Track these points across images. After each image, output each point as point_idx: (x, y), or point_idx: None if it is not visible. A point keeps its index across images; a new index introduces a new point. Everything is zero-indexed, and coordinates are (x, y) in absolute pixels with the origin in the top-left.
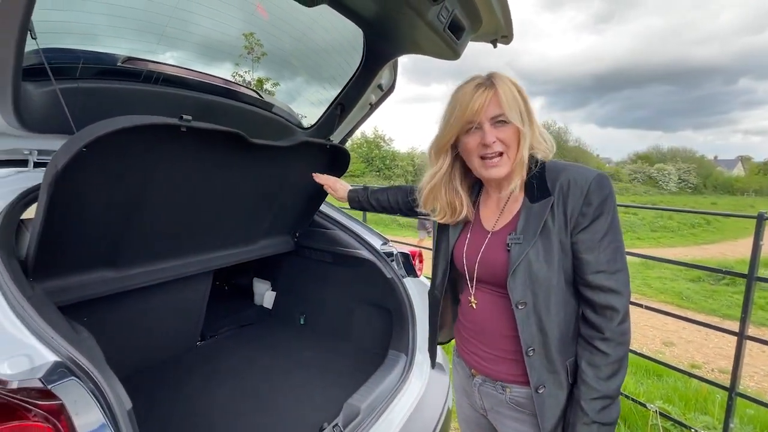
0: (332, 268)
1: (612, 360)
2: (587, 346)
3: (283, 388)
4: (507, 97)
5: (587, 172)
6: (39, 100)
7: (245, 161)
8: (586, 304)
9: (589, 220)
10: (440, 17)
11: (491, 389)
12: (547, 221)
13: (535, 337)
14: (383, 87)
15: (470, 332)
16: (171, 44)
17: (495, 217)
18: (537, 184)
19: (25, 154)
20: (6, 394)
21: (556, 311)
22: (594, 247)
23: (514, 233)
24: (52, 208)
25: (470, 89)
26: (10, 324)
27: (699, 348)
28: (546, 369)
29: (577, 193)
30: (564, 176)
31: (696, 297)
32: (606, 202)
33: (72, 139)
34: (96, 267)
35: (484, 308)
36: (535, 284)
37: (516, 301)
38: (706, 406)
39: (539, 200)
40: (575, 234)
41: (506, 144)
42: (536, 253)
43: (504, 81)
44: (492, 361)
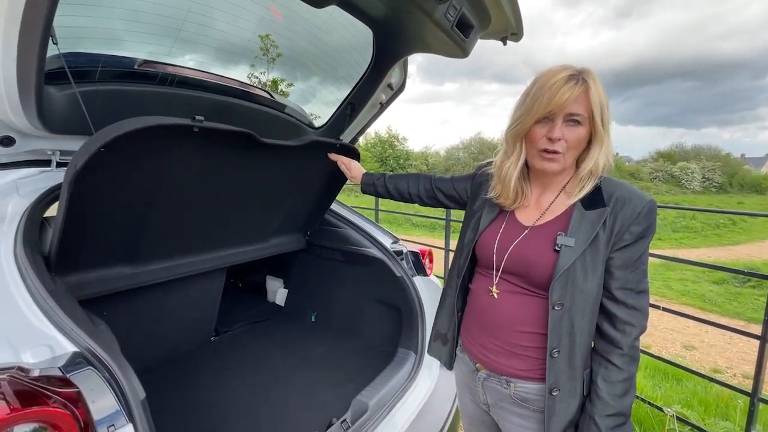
0: (343, 267)
1: (626, 376)
2: (603, 362)
3: (294, 384)
4: (594, 99)
5: (642, 194)
6: (61, 103)
7: (257, 160)
8: (607, 317)
9: (633, 239)
10: (448, 16)
11: (495, 384)
12: (599, 232)
13: (563, 340)
14: (393, 86)
15: (482, 322)
16: (187, 47)
17: (534, 213)
18: (593, 194)
19: (48, 155)
20: (29, 382)
21: (590, 320)
22: (629, 266)
23: (564, 234)
24: (72, 206)
25: (561, 79)
26: (33, 316)
27: (722, 352)
28: (566, 374)
29: (630, 212)
30: (620, 192)
31: (719, 300)
32: (650, 228)
33: (90, 139)
34: (114, 263)
35: (505, 300)
36: (575, 290)
37: (554, 302)
38: (728, 412)
39: (594, 208)
40: (614, 250)
41: (570, 145)
42: (583, 260)
43: (596, 82)
44: (500, 355)
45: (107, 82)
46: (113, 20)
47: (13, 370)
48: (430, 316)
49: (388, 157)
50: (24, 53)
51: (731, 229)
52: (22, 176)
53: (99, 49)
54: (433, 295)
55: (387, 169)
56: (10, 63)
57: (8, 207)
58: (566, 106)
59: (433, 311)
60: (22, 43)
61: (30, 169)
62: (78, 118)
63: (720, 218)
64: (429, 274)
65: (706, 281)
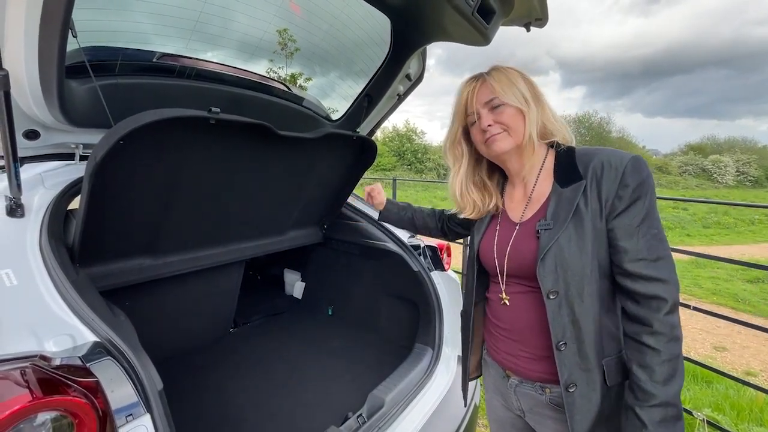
0: (360, 260)
1: (665, 358)
2: (635, 345)
3: (310, 377)
4: (500, 82)
5: (622, 154)
6: (82, 96)
7: (274, 153)
8: (628, 296)
9: (625, 203)
10: (469, 0)
11: (530, 390)
12: (579, 205)
13: (567, 330)
14: (411, 77)
15: (502, 331)
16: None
17: (522, 208)
18: (566, 169)
19: (72, 148)
20: (50, 371)
21: (591, 303)
22: (632, 233)
23: (544, 219)
24: (93, 198)
25: (463, 83)
26: (56, 305)
27: (756, 354)
28: (578, 366)
29: (612, 175)
30: (597, 159)
31: (753, 299)
32: (643, 185)
33: (109, 132)
34: (135, 254)
35: (517, 305)
36: (567, 272)
37: (547, 290)
38: (762, 417)
39: (570, 184)
40: (611, 219)
41: (506, 124)
42: (568, 238)
43: (498, 69)
44: (528, 361)
45: (126, 76)
46: (132, 14)
47: (36, 358)
48: (448, 312)
49: (406, 151)
50: (45, 47)
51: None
52: (47, 169)
53: (118, 44)
54: (451, 289)
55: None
56: (32, 58)
57: (34, 199)
58: (474, 98)
59: (450, 306)
60: (43, 38)
61: (54, 162)
62: (99, 111)
63: (755, 213)
64: (447, 268)
65: (740, 279)
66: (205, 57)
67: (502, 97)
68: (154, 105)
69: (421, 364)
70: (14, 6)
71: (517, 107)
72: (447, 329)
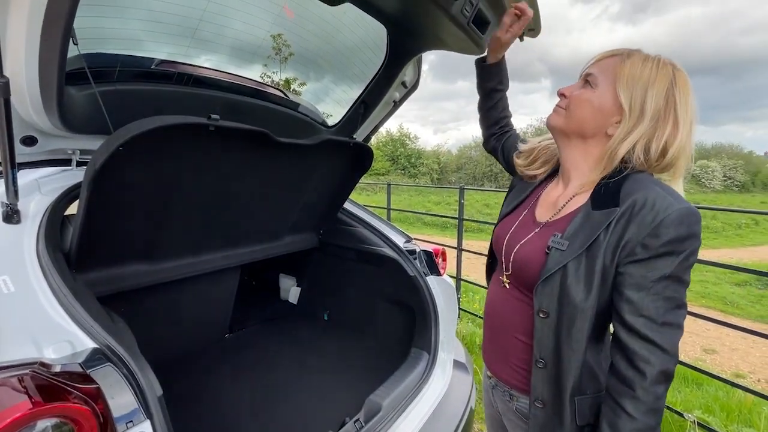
0: (356, 266)
1: (639, 426)
2: (612, 403)
3: (307, 382)
4: (620, 70)
5: (673, 200)
6: (81, 103)
7: (271, 159)
8: (619, 349)
9: (648, 254)
10: (464, 11)
11: (501, 395)
12: (600, 236)
13: (549, 352)
14: (407, 84)
15: (487, 321)
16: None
17: (551, 210)
18: (607, 191)
19: (69, 154)
20: (50, 377)
21: (578, 337)
22: (644, 287)
23: (560, 236)
24: (91, 204)
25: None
26: (54, 312)
27: (744, 356)
28: (550, 389)
29: (648, 219)
30: (643, 193)
31: (742, 302)
32: (681, 243)
33: (109, 138)
34: (132, 260)
35: (504, 298)
36: (563, 300)
37: (538, 308)
38: (751, 419)
39: (603, 208)
40: (625, 263)
41: (571, 101)
42: (576, 268)
43: (644, 59)
44: (501, 363)
45: (125, 82)
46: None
47: (35, 365)
48: (443, 316)
49: (400, 156)
50: (45, 54)
51: (753, 230)
52: (43, 175)
53: (115, 50)
54: (447, 294)
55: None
56: (32, 65)
57: (31, 205)
58: (590, 65)
59: (446, 311)
60: (44, 44)
61: (51, 168)
62: (98, 117)
63: (742, 218)
64: (442, 273)
65: (728, 283)
66: (201, 63)
67: (598, 78)
68: (153, 111)
69: (417, 369)
70: (16, 13)
71: (609, 103)
72: (443, 334)
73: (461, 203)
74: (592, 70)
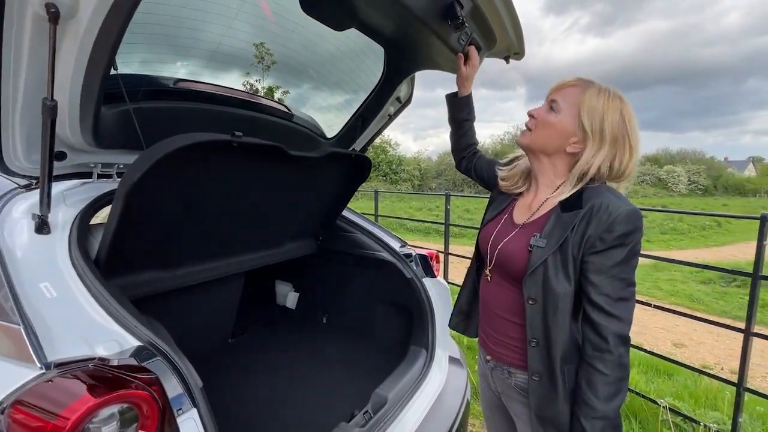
0: (354, 270)
1: (611, 380)
2: (586, 366)
3: (312, 381)
4: (582, 99)
5: (624, 204)
6: (108, 120)
7: (280, 171)
8: (588, 322)
9: (605, 246)
10: (460, 41)
11: (500, 374)
12: (568, 235)
13: (540, 332)
14: (401, 99)
15: (483, 310)
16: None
17: (526, 213)
18: (574, 198)
19: (91, 167)
20: (111, 369)
21: (563, 317)
22: (603, 271)
23: (539, 236)
24: (124, 215)
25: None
26: (96, 314)
27: (710, 350)
28: (544, 365)
29: (604, 218)
30: (600, 199)
31: (707, 299)
32: (628, 236)
33: (145, 153)
34: (150, 267)
35: (496, 287)
36: (547, 288)
37: (527, 296)
38: (716, 403)
39: (570, 210)
40: (588, 254)
41: (537, 122)
42: (554, 261)
43: (602, 91)
44: (498, 345)
45: (148, 100)
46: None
47: (95, 360)
48: (439, 315)
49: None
50: (89, 80)
51: (716, 231)
52: (67, 187)
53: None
54: (441, 295)
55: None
56: (76, 89)
57: (58, 216)
58: (553, 91)
59: (441, 310)
60: (88, 73)
61: (73, 181)
62: (122, 133)
63: (705, 220)
64: (436, 275)
65: (694, 281)
66: (205, 79)
67: (561, 105)
68: (172, 126)
69: (417, 365)
70: (67, 47)
71: (569, 125)
72: (439, 332)
73: (447, 209)
74: (555, 97)
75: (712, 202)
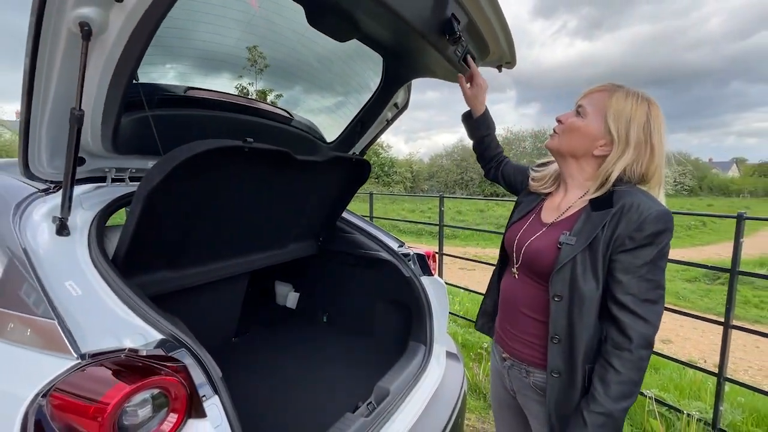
0: (353, 270)
1: (624, 380)
2: (602, 362)
3: (316, 376)
4: (609, 103)
5: (655, 204)
6: (125, 127)
7: (286, 174)
8: (612, 321)
9: (634, 244)
10: (456, 52)
11: (517, 373)
12: (598, 234)
13: (563, 329)
14: (398, 105)
15: (503, 304)
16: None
17: (555, 213)
18: (604, 198)
19: (105, 172)
20: (141, 359)
21: (588, 314)
22: (631, 271)
23: (569, 233)
24: (142, 217)
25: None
26: (120, 310)
27: (695, 345)
28: (565, 362)
29: (634, 217)
30: (630, 199)
31: (692, 296)
32: (658, 236)
33: (165, 159)
34: (160, 268)
35: (521, 284)
36: (574, 286)
37: (554, 293)
38: (699, 394)
39: (600, 209)
40: (617, 253)
41: (564, 127)
42: (583, 258)
43: (629, 95)
44: (516, 342)
45: (162, 108)
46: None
47: (125, 351)
48: (436, 312)
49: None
50: (113, 91)
51: (701, 230)
52: (83, 191)
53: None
54: (439, 292)
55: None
56: (100, 99)
57: (76, 218)
58: (581, 98)
59: (438, 307)
60: (112, 85)
61: (88, 185)
62: (136, 139)
63: (690, 220)
64: (433, 273)
65: (680, 279)
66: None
67: (588, 109)
68: (182, 133)
69: (416, 359)
70: (94, 62)
71: (595, 130)
72: (436, 328)
73: (441, 210)
74: (582, 102)
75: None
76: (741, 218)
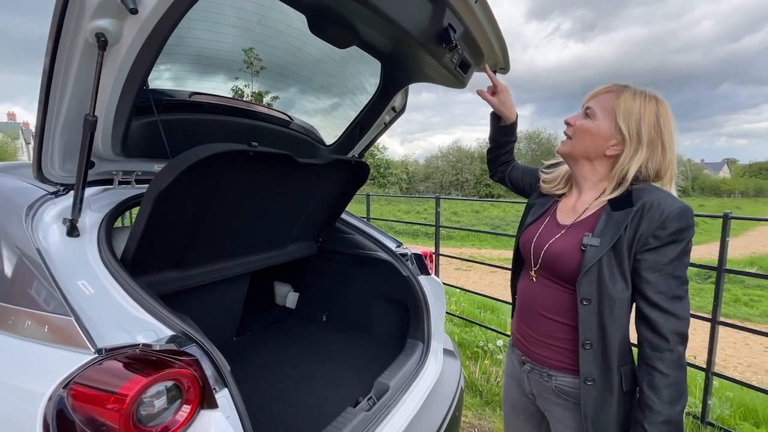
0: (352, 269)
1: (672, 381)
2: (646, 368)
3: (317, 373)
4: (617, 104)
5: (674, 201)
6: (134, 131)
7: (288, 176)
8: (645, 322)
9: (659, 243)
10: (453, 59)
11: (538, 377)
12: (622, 234)
13: (594, 333)
14: (396, 108)
15: (521, 309)
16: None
17: (572, 215)
18: (623, 197)
19: (113, 175)
20: (155, 353)
21: (619, 315)
22: (657, 269)
23: (591, 235)
24: (151, 219)
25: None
26: (131, 308)
27: None
28: (599, 367)
29: (656, 215)
30: (650, 197)
31: None
32: (682, 233)
33: (174, 162)
34: (166, 268)
35: (542, 287)
36: (602, 287)
37: (582, 296)
38: (689, 389)
39: (621, 209)
40: (641, 252)
41: (575, 130)
42: (609, 259)
43: (636, 95)
44: (538, 346)
45: (167, 112)
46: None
47: (140, 345)
48: (433, 310)
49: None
50: (124, 97)
51: None
52: (91, 194)
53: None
54: (436, 291)
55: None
56: (112, 105)
57: (86, 220)
58: (587, 100)
59: (435, 306)
60: (124, 91)
61: (96, 188)
62: (143, 143)
63: None
64: (431, 273)
65: None
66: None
67: (596, 110)
68: (187, 137)
69: (414, 356)
70: (108, 69)
71: (605, 130)
72: (434, 326)
73: (437, 211)
74: (590, 104)
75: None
76: (727, 218)
